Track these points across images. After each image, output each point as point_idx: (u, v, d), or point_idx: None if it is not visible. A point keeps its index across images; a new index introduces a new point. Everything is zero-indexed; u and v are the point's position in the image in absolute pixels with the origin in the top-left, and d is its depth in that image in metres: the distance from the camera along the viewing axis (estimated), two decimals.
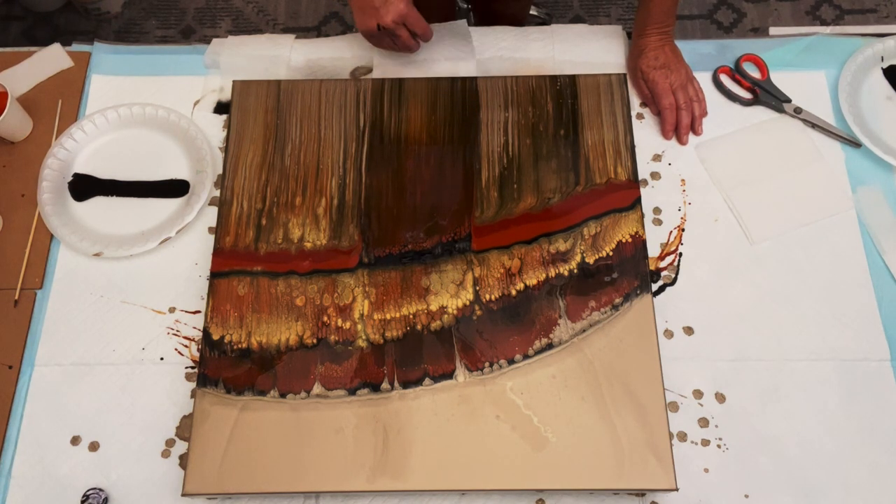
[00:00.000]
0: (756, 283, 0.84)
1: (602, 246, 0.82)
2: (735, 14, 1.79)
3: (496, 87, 0.91)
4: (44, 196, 0.89)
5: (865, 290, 0.84)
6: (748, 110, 0.94)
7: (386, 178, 0.86)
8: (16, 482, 0.77)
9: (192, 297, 0.85)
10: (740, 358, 0.81)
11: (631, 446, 0.73)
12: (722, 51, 0.97)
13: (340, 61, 0.97)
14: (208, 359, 0.78)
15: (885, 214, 0.87)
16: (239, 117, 0.90)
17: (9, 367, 0.82)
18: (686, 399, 0.79)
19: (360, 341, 0.78)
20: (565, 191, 0.85)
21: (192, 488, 0.73)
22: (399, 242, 0.83)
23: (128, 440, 0.79)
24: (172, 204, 0.90)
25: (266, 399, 0.76)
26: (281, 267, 0.82)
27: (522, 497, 0.76)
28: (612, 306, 0.79)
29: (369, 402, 0.76)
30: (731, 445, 0.77)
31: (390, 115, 0.90)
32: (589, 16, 1.81)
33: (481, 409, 0.75)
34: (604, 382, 0.76)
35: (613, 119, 0.89)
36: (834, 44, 0.97)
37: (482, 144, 0.88)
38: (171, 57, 0.99)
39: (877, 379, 0.80)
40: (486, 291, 0.80)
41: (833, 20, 1.78)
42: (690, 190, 0.89)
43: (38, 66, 0.98)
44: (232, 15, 1.84)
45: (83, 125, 0.93)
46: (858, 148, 0.91)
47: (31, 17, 1.83)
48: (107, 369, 0.82)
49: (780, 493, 0.76)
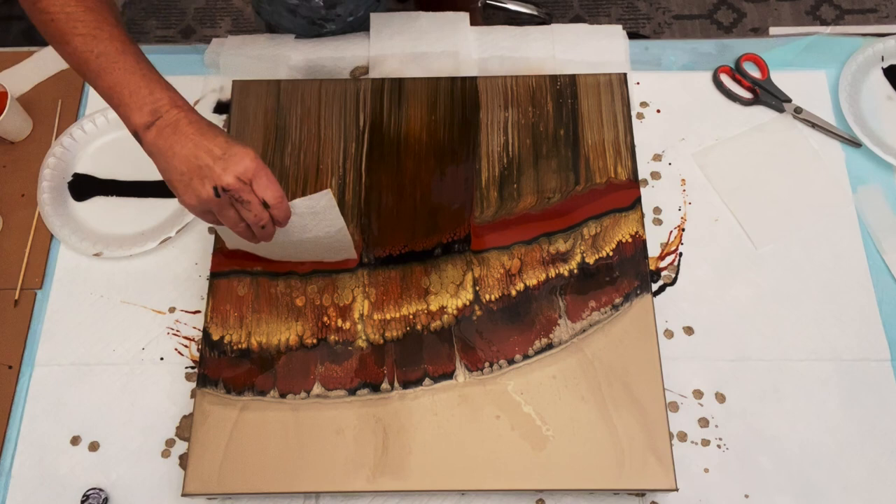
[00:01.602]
0: (756, 282, 0.84)
1: (602, 246, 0.82)
2: (735, 14, 1.79)
3: (496, 87, 0.91)
4: (44, 196, 0.89)
5: (865, 290, 0.84)
6: (748, 110, 0.94)
7: (386, 178, 0.86)
8: (16, 482, 0.77)
9: (192, 297, 0.85)
10: (740, 358, 0.81)
11: (631, 446, 0.73)
12: (722, 51, 0.97)
13: (340, 61, 0.97)
14: (208, 359, 0.78)
15: (886, 214, 0.87)
16: (239, 117, 0.90)
17: (9, 367, 0.82)
18: (686, 399, 0.79)
19: (360, 341, 0.78)
20: (565, 191, 0.85)
21: (192, 488, 0.73)
22: (399, 242, 0.83)
23: (128, 440, 0.79)
24: (172, 204, 0.90)
25: (266, 399, 0.76)
26: (281, 267, 0.82)
27: (522, 497, 0.76)
28: (612, 306, 0.79)
29: (369, 403, 0.76)
30: (731, 445, 0.77)
31: (390, 115, 0.90)
32: (589, 16, 1.81)
33: (481, 409, 0.75)
34: (604, 382, 0.76)
35: (613, 119, 0.89)
36: (834, 44, 0.97)
37: (482, 144, 0.88)
38: (171, 57, 0.98)
39: (877, 379, 0.80)
40: (486, 291, 0.80)
41: (833, 20, 1.78)
42: (690, 190, 0.89)
43: (38, 66, 0.98)
44: (232, 15, 1.84)
45: (83, 125, 0.93)
46: (859, 148, 0.91)
47: None
48: (107, 369, 0.82)
49: (780, 493, 0.76)
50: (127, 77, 0.63)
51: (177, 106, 0.64)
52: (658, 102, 0.94)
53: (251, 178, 0.63)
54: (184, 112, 0.63)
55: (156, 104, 0.63)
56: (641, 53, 0.97)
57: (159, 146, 0.63)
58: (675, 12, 1.80)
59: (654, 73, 0.96)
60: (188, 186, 0.62)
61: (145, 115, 0.63)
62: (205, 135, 0.63)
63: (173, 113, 0.63)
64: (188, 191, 0.63)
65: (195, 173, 0.62)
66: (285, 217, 0.67)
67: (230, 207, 0.64)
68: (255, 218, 0.64)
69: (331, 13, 0.94)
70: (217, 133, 0.63)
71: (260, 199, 0.64)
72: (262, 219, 0.65)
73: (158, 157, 0.63)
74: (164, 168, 0.63)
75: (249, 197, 0.63)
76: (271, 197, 0.64)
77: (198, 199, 0.63)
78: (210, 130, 0.63)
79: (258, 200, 0.64)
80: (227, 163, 0.62)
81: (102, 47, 0.63)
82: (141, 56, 0.65)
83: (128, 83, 0.63)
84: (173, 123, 0.63)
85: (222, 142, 0.63)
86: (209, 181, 0.62)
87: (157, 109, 0.63)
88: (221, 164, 0.62)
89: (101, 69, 0.63)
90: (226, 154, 0.62)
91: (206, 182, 0.62)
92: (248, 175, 0.62)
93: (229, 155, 0.62)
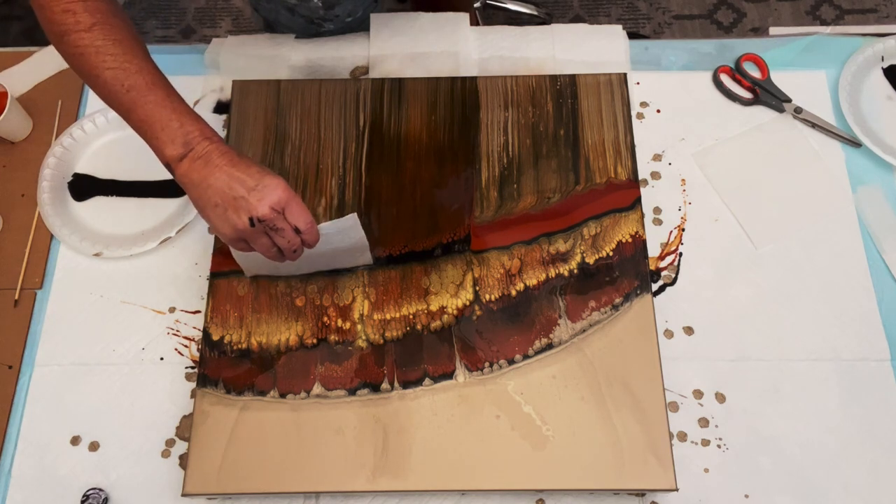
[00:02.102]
0: (756, 282, 0.84)
1: (602, 246, 0.82)
2: (735, 14, 1.79)
3: (496, 87, 0.91)
4: (44, 196, 0.89)
5: (865, 290, 0.84)
6: (748, 110, 0.94)
7: (386, 178, 0.86)
8: (16, 482, 0.77)
9: (192, 297, 0.85)
10: (740, 358, 0.81)
11: (631, 446, 0.73)
12: (722, 50, 0.97)
13: (340, 61, 0.97)
14: (208, 359, 0.78)
15: (886, 214, 0.87)
16: (239, 117, 0.90)
17: (9, 367, 0.82)
18: (686, 399, 0.79)
19: (360, 341, 0.78)
20: (565, 191, 0.85)
21: (192, 488, 0.73)
22: (399, 242, 0.83)
23: (128, 440, 0.79)
24: (172, 204, 0.90)
25: (266, 399, 0.76)
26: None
27: (522, 497, 0.76)
28: (612, 306, 0.79)
29: (369, 403, 0.76)
30: (731, 445, 0.77)
31: (390, 115, 0.90)
32: (589, 16, 1.81)
33: (481, 409, 0.75)
34: (604, 382, 0.76)
35: (613, 119, 0.89)
36: (834, 44, 0.97)
37: (482, 144, 0.88)
38: (171, 57, 0.98)
39: (877, 379, 0.80)
40: (486, 291, 0.80)
41: (833, 20, 1.78)
42: (690, 190, 0.89)
43: (38, 66, 0.98)
44: (232, 15, 1.84)
45: (83, 125, 0.92)
46: (859, 148, 0.91)
47: (31, 17, 1.82)
48: (107, 369, 0.82)
49: (780, 493, 0.76)
50: (158, 111, 0.65)
51: (207, 137, 0.66)
52: (658, 102, 0.94)
53: (283, 207, 0.65)
54: (214, 144, 0.66)
55: (187, 136, 0.65)
56: (641, 53, 0.97)
57: (192, 178, 0.65)
58: (675, 12, 1.80)
59: (654, 73, 0.96)
60: (223, 217, 0.65)
61: (178, 147, 0.65)
62: (237, 166, 0.65)
63: (204, 145, 0.65)
64: (224, 222, 0.65)
65: (230, 204, 0.64)
66: (315, 240, 0.69)
67: (264, 235, 0.66)
68: (287, 244, 0.67)
69: (329, 13, 0.94)
70: (249, 164, 0.66)
71: (292, 226, 0.66)
72: (294, 244, 0.67)
73: (192, 188, 0.65)
74: (197, 198, 0.65)
75: (283, 225, 0.66)
76: (303, 224, 0.67)
77: (233, 230, 0.65)
78: (241, 161, 0.66)
79: (291, 227, 0.66)
80: (261, 193, 0.64)
81: (132, 81, 0.65)
82: (170, 88, 0.68)
83: (159, 117, 0.65)
84: (205, 156, 0.65)
85: (255, 172, 0.65)
86: (244, 212, 0.64)
87: (189, 142, 0.65)
88: (256, 195, 0.64)
89: (133, 103, 0.66)
90: (259, 185, 0.64)
91: (241, 213, 0.64)
92: (281, 204, 0.65)
93: (262, 186, 0.64)
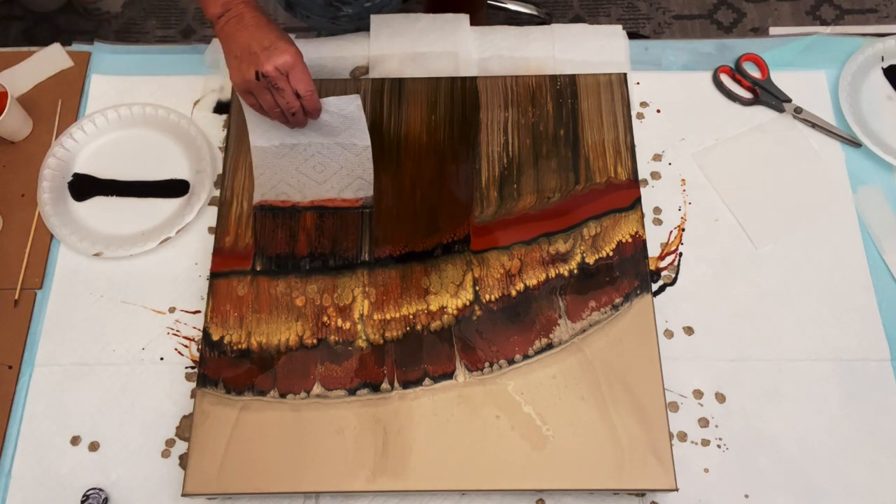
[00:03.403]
0: (756, 282, 0.84)
1: (602, 246, 0.82)
2: (735, 14, 1.79)
3: (496, 87, 0.91)
4: (44, 196, 0.89)
5: (865, 290, 0.84)
6: (748, 110, 0.94)
7: (386, 178, 0.86)
8: (16, 482, 0.77)
9: (192, 297, 0.85)
10: (740, 358, 0.81)
11: (631, 446, 0.73)
12: (722, 50, 0.97)
13: (341, 61, 0.97)
14: (208, 359, 0.78)
15: (886, 214, 0.87)
16: (239, 117, 0.90)
17: (9, 367, 0.82)
18: (686, 399, 0.79)
19: (360, 341, 0.78)
20: (565, 191, 0.85)
21: (192, 488, 0.73)
22: (399, 242, 0.83)
23: (128, 440, 0.79)
24: (172, 204, 0.90)
25: (266, 399, 0.76)
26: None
27: (522, 497, 0.76)
28: (612, 306, 0.79)
29: (369, 403, 0.76)
30: (731, 445, 0.77)
31: (390, 115, 0.90)
32: (589, 16, 1.81)
33: (481, 409, 0.75)
34: (604, 382, 0.76)
35: (613, 119, 0.89)
36: (834, 44, 0.97)
37: (482, 144, 0.88)
38: (171, 57, 0.99)
39: (877, 379, 0.80)
40: (486, 292, 0.80)
41: (833, 20, 1.78)
42: (690, 190, 0.89)
43: (38, 66, 0.98)
44: None
45: (83, 125, 0.93)
46: (859, 148, 0.91)
47: (31, 17, 1.83)
48: (107, 369, 0.82)
49: (780, 493, 0.76)
50: None
51: (244, 2, 0.75)
52: (658, 102, 0.94)
53: (288, 70, 0.73)
54: (249, 8, 0.75)
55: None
56: (641, 53, 0.97)
57: (226, 32, 0.75)
58: (675, 12, 1.80)
59: (654, 73, 0.96)
60: (238, 68, 0.74)
61: (218, 7, 0.75)
62: (261, 28, 0.74)
63: (240, 8, 0.75)
64: (237, 72, 0.74)
65: (245, 57, 0.73)
66: (314, 108, 0.77)
67: (267, 92, 0.75)
68: (287, 105, 0.75)
69: None
70: (272, 29, 0.74)
71: (293, 89, 0.74)
72: (294, 106, 0.76)
73: (224, 41, 0.75)
74: (226, 50, 0.75)
75: (284, 85, 0.74)
76: (303, 89, 0.75)
77: (242, 79, 0.74)
78: (267, 25, 0.74)
79: (291, 90, 0.74)
80: (270, 53, 0.72)
81: None
82: None
83: None
84: (238, 16, 0.75)
85: (273, 36, 0.73)
86: (253, 66, 0.73)
87: (228, 3, 0.75)
88: (266, 53, 0.72)
89: None
90: (272, 46, 0.73)
91: (251, 66, 0.73)
92: (286, 67, 0.73)
93: (274, 48, 0.73)
